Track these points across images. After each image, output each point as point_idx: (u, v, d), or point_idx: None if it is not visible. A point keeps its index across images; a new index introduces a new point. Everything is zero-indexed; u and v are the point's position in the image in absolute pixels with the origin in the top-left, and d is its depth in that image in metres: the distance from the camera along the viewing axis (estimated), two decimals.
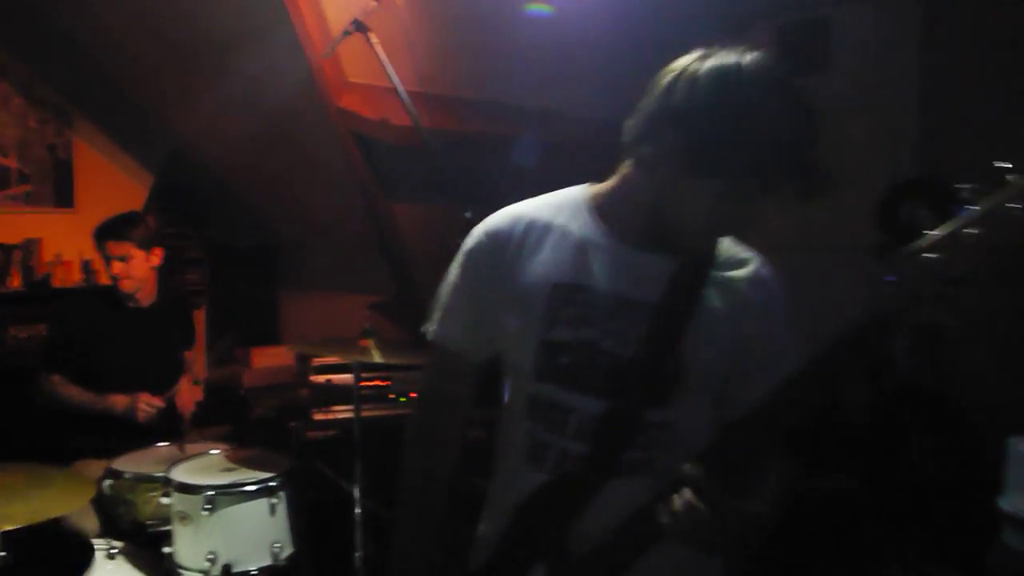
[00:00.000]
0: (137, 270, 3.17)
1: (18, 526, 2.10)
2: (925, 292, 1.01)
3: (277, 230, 5.06)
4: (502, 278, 1.33)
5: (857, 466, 3.16)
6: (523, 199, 1.40)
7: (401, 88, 2.63)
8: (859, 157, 4.00)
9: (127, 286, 3.17)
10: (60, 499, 2.23)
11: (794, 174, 1.15)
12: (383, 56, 2.63)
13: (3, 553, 2.28)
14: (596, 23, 3.40)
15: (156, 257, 3.22)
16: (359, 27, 2.64)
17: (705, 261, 1.30)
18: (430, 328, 1.42)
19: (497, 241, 1.35)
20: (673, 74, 1.19)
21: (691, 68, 1.17)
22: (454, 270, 1.40)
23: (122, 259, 3.13)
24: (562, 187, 1.41)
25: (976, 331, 2.76)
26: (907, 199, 3.40)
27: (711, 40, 1.21)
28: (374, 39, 2.64)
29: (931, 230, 1.01)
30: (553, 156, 3.21)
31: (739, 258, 1.34)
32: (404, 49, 2.85)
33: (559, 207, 1.36)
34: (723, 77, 1.14)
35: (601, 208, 1.33)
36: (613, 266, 1.29)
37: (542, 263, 1.31)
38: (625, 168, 1.31)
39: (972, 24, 3.77)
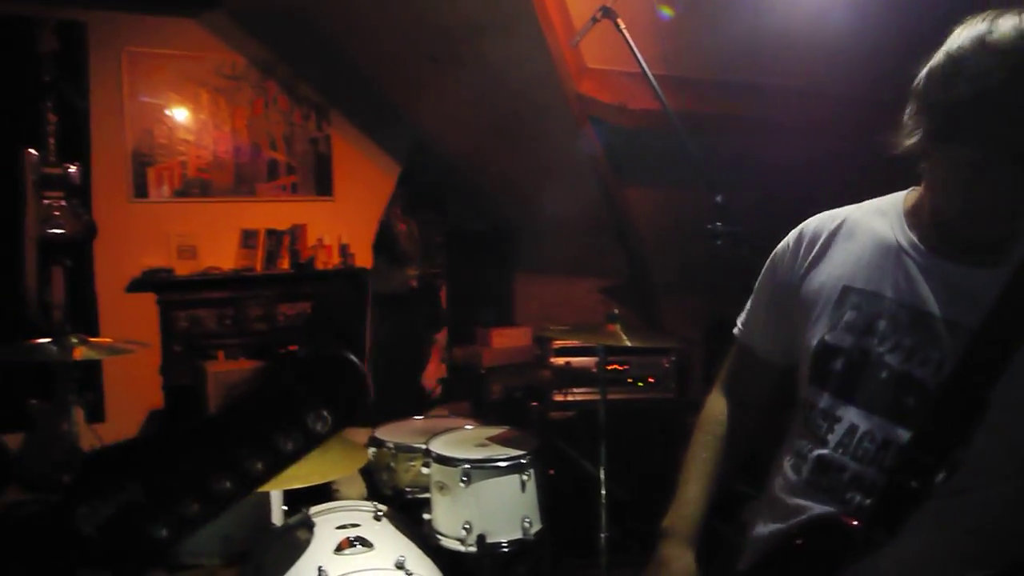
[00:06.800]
0: None
1: (298, 486, 2.34)
2: None
3: (511, 214, 5.22)
4: (799, 279, 1.31)
5: None
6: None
7: (648, 71, 2.61)
8: None
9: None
10: (335, 464, 2.45)
11: None
12: (631, 41, 2.62)
13: (285, 508, 2.56)
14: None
15: None
16: (607, 13, 2.65)
17: None
18: (738, 322, 1.45)
19: (801, 242, 1.33)
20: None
21: (953, 35, 1.10)
22: (765, 269, 1.41)
23: None
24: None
25: None
26: None
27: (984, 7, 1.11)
28: (622, 24, 2.64)
29: None
30: (805, 137, 3.05)
31: None
32: (648, 32, 2.83)
33: (876, 211, 1.30)
34: (974, 43, 1.06)
35: (913, 215, 1.24)
36: (918, 278, 1.20)
37: (840, 264, 1.27)
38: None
39: None
